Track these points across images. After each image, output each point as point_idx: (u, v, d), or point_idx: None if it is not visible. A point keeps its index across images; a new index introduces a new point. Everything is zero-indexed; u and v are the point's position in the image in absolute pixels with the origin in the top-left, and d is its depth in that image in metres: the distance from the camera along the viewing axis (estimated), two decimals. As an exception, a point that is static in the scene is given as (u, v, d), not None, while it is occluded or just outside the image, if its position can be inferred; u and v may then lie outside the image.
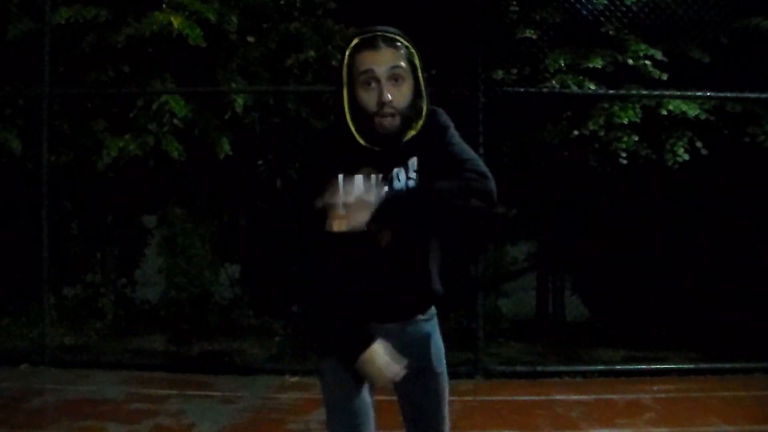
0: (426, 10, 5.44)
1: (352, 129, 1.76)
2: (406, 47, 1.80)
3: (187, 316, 5.93)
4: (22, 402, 4.25)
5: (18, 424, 3.89)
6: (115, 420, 3.94)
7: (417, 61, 1.81)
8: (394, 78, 1.75)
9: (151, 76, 5.26)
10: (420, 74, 1.80)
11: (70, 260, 6.11)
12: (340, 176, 1.73)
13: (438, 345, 1.99)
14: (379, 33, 1.76)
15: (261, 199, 6.21)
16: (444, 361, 2.00)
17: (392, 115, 1.74)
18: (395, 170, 1.79)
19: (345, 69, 1.76)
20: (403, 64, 1.76)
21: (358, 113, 1.75)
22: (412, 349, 1.90)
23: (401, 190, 1.77)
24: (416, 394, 1.97)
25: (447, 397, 2.01)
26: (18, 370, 4.95)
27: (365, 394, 1.90)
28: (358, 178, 1.72)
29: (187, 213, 6.00)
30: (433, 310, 1.99)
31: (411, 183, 1.79)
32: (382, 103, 1.72)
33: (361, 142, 1.77)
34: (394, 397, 2.10)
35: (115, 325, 5.95)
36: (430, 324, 1.97)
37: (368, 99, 1.74)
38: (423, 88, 1.80)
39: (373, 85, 1.74)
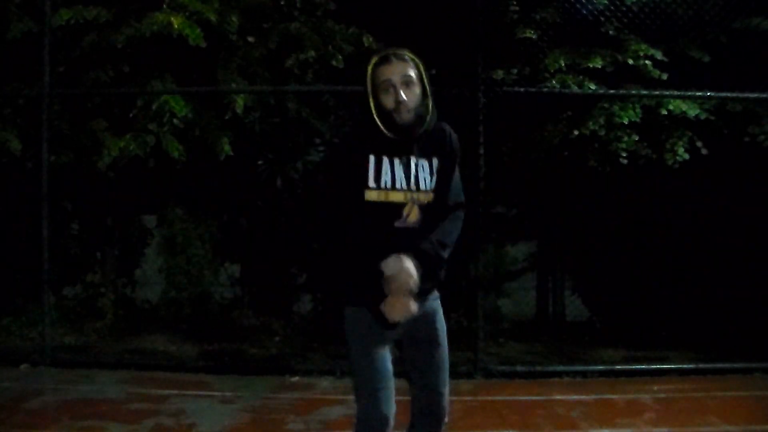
0: (426, 10, 5.44)
1: (379, 123, 2.27)
2: (413, 60, 2.33)
3: (187, 316, 5.94)
4: (22, 402, 4.25)
5: (18, 424, 3.89)
6: (115, 420, 3.94)
7: (423, 70, 2.33)
8: (405, 83, 2.28)
9: (151, 76, 5.26)
10: (425, 80, 2.33)
11: (70, 260, 6.11)
12: (371, 156, 2.27)
13: (442, 321, 2.44)
14: (391, 52, 2.32)
15: (261, 199, 6.21)
16: (445, 335, 2.44)
17: (407, 110, 2.27)
18: (420, 161, 2.32)
19: (369, 80, 2.29)
20: (411, 73, 2.29)
21: (382, 111, 2.27)
22: (423, 322, 2.37)
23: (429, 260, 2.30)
24: (423, 361, 2.40)
25: (448, 364, 2.43)
26: (18, 370, 4.95)
27: (389, 357, 2.34)
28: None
29: (187, 213, 6.00)
30: (437, 292, 2.43)
31: (434, 178, 2.34)
32: (398, 102, 2.26)
33: (386, 133, 2.27)
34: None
35: (115, 325, 5.95)
36: (437, 303, 2.44)
37: (388, 100, 2.28)
38: (428, 91, 2.33)
39: (391, 90, 2.28)
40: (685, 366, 5.03)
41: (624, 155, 5.09)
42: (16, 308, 5.92)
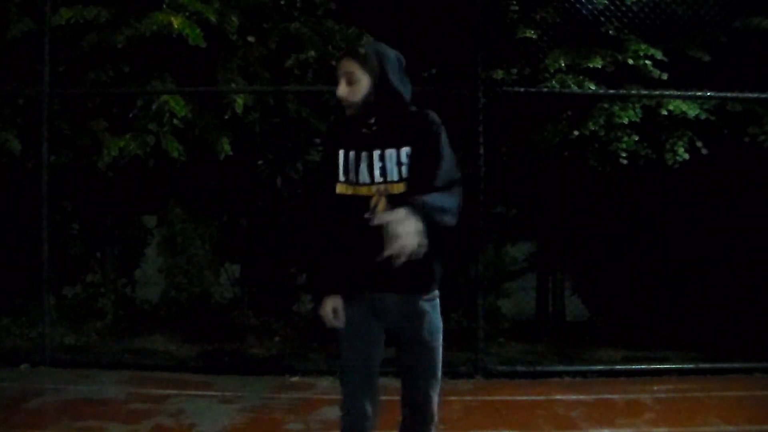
0: (426, 10, 5.44)
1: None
2: (364, 54, 2.32)
3: (187, 316, 5.94)
4: (22, 402, 4.25)
5: (18, 424, 3.89)
6: (115, 420, 3.94)
7: (377, 62, 2.31)
8: (347, 79, 2.33)
9: (151, 76, 5.26)
10: (383, 71, 2.30)
11: (70, 260, 6.11)
12: (341, 151, 2.33)
13: (433, 323, 2.36)
14: (349, 47, 2.46)
15: (261, 199, 6.21)
16: (439, 337, 2.38)
17: (348, 105, 2.33)
18: (386, 152, 2.30)
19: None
20: (353, 68, 2.31)
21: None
22: (408, 321, 2.35)
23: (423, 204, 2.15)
24: (409, 360, 2.39)
25: (439, 366, 2.39)
26: (18, 370, 4.94)
27: (376, 350, 2.41)
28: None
29: (187, 213, 6.00)
30: (435, 292, 2.37)
31: (403, 168, 2.28)
32: (338, 97, 2.34)
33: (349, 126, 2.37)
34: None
35: (115, 325, 5.95)
36: (430, 304, 2.36)
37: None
38: (389, 80, 2.31)
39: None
40: (685, 366, 5.03)
41: (624, 155, 5.09)
42: (16, 308, 5.91)
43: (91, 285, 6.20)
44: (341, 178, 2.33)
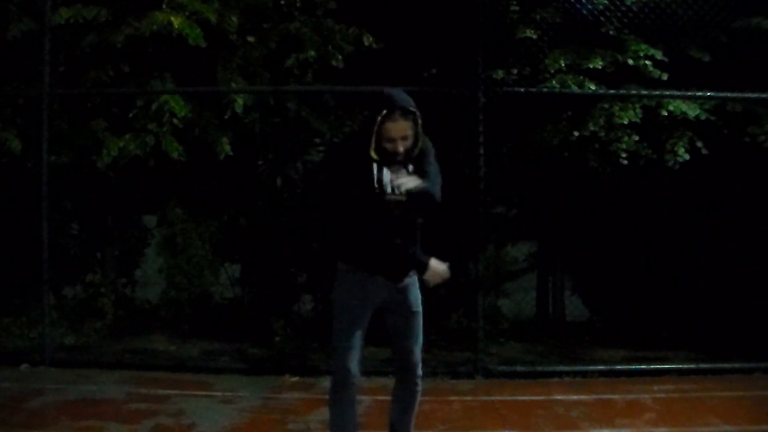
0: (426, 10, 5.44)
1: (373, 155, 2.82)
2: (413, 114, 2.79)
3: (187, 316, 5.93)
4: (22, 402, 4.25)
5: (18, 424, 3.89)
6: (115, 420, 3.94)
7: (419, 119, 2.81)
8: (404, 138, 2.80)
9: (151, 76, 5.26)
10: (419, 128, 2.83)
11: (70, 260, 6.11)
12: (374, 165, 2.82)
13: (415, 293, 2.99)
14: (398, 108, 2.76)
15: (261, 199, 6.21)
16: (420, 303, 2.99)
17: (400, 155, 2.83)
18: (402, 169, 2.86)
19: (376, 128, 2.78)
20: (409, 132, 2.80)
21: (380, 148, 2.81)
22: (399, 295, 2.95)
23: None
24: (401, 326, 2.98)
25: (421, 327, 2.99)
26: (18, 370, 4.94)
27: (365, 322, 2.94)
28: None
29: (187, 213, 5.99)
30: (413, 274, 2.95)
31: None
32: (395, 152, 2.80)
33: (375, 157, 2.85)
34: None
35: (115, 325, 5.95)
36: (411, 279, 2.98)
37: (389, 146, 2.80)
38: (419, 134, 2.85)
39: (392, 143, 2.79)
40: (685, 366, 5.03)
41: (624, 156, 5.09)
42: (16, 308, 5.91)
43: (91, 285, 6.18)
44: (385, 188, 2.84)
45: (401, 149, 2.80)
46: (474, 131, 4.91)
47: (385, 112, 2.77)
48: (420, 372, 3.03)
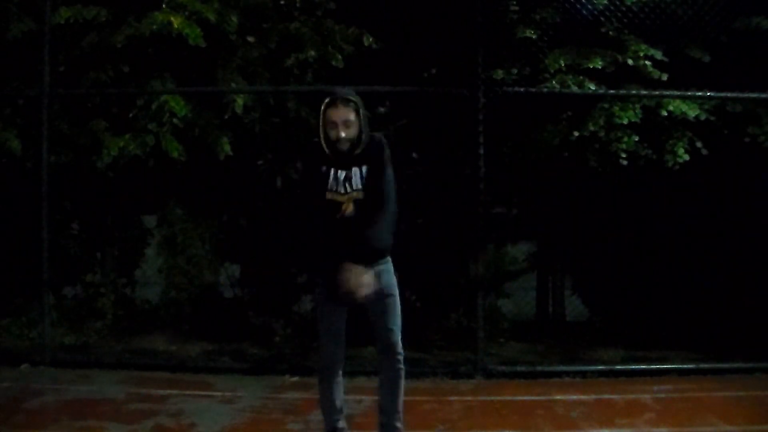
0: (426, 10, 5.44)
1: (324, 148, 3.17)
2: (354, 102, 3.13)
3: (187, 316, 5.93)
4: (22, 402, 4.25)
5: (18, 424, 3.89)
6: (115, 420, 3.94)
7: (361, 108, 3.14)
8: (345, 124, 3.12)
9: (151, 76, 5.26)
10: (362, 116, 3.14)
11: (70, 260, 6.11)
12: (323, 167, 3.16)
13: (388, 279, 3.24)
14: (339, 96, 3.12)
15: (261, 199, 6.20)
16: (395, 288, 3.26)
17: (345, 142, 3.13)
18: (354, 169, 3.16)
19: (321, 117, 3.15)
20: (351, 116, 3.12)
21: (328, 140, 3.15)
22: (375, 282, 3.16)
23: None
24: (379, 309, 3.23)
25: (398, 309, 3.26)
26: (18, 370, 4.95)
27: (341, 320, 3.27)
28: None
29: (187, 213, 5.99)
30: (386, 259, 3.22)
31: (363, 180, 3.17)
32: (338, 137, 3.12)
33: (329, 154, 3.18)
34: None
35: (115, 325, 5.95)
36: (385, 266, 3.23)
37: (332, 134, 3.13)
38: (362, 123, 3.16)
39: (335, 128, 3.12)
40: (685, 366, 5.03)
41: (624, 156, 5.09)
42: (16, 308, 5.91)
43: (91, 285, 6.19)
44: (331, 188, 3.14)
45: (343, 134, 3.10)
46: (474, 131, 4.91)
47: (327, 100, 3.14)
48: (400, 350, 3.27)
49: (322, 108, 3.13)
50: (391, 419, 3.27)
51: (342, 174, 3.15)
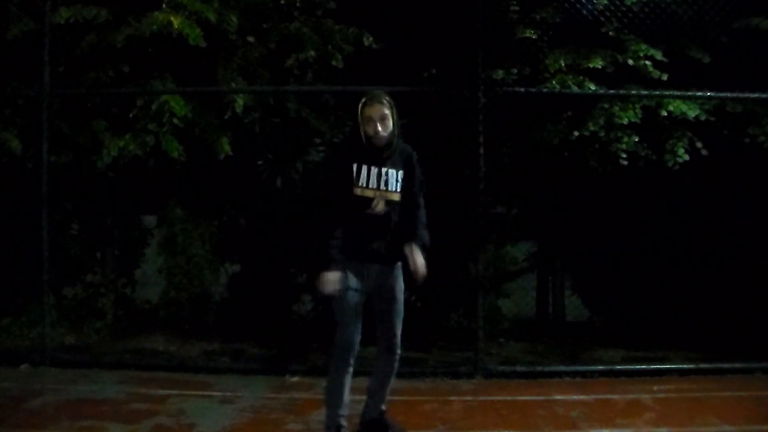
0: (426, 10, 5.44)
1: (364, 143, 3.38)
2: (388, 102, 3.38)
3: (187, 316, 5.93)
4: (22, 402, 4.25)
5: (18, 424, 3.89)
6: (115, 420, 3.94)
7: (394, 109, 3.39)
8: (382, 120, 3.36)
9: (151, 76, 5.26)
10: (395, 117, 3.39)
11: (70, 260, 6.11)
12: (354, 165, 3.37)
13: (400, 283, 3.51)
14: (375, 95, 3.39)
15: (261, 199, 6.20)
16: (402, 292, 3.52)
17: (382, 137, 3.37)
18: (390, 170, 3.41)
19: (359, 115, 3.39)
20: (387, 112, 3.37)
21: (366, 136, 3.38)
22: (385, 282, 3.48)
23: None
24: (384, 309, 3.50)
25: (402, 310, 3.51)
26: (18, 370, 4.95)
27: (361, 304, 3.46)
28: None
29: (187, 213, 5.99)
30: (399, 263, 3.48)
31: (399, 184, 3.43)
32: (376, 132, 3.36)
33: (367, 149, 3.39)
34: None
35: (115, 325, 5.95)
36: (397, 270, 3.51)
37: (370, 130, 3.37)
38: (396, 123, 3.41)
39: (372, 124, 3.36)
40: (685, 366, 5.03)
41: (624, 156, 5.09)
42: (16, 308, 5.91)
43: (91, 285, 6.20)
44: (361, 184, 3.35)
45: (380, 129, 3.33)
46: (474, 131, 4.91)
47: (364, 99, 3.40)
48: (399, 350, 3.54)
49: (360, 106, 3.37)
50: (376, 401, 3.63)
51: (375, 170, 3.37)
